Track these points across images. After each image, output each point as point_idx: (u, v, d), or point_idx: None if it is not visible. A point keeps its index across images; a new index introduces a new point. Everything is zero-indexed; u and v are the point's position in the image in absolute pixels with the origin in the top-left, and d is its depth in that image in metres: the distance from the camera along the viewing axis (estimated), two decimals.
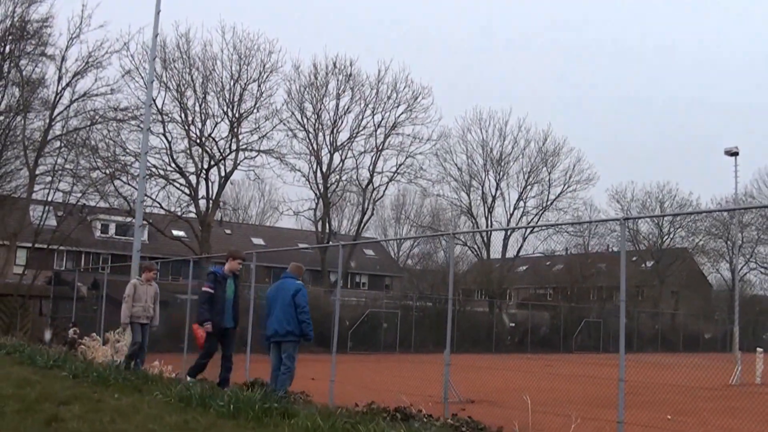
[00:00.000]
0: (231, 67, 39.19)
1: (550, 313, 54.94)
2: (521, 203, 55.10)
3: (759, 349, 27.27)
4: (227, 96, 39.22)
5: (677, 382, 21.42)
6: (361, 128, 44.99)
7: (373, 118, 45.09)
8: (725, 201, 65.12)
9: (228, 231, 51.71)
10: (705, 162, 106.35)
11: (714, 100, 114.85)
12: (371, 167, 45.96)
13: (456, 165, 53.97)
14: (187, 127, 38.28)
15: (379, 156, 45.79)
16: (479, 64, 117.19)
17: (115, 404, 10.63)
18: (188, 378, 13.09)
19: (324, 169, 44.83)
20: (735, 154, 52.64)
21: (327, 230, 46.52)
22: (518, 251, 56.59)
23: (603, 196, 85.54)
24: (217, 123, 39.29)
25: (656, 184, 68.06)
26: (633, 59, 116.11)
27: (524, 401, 11.97)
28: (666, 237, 66.49)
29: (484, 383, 17.97)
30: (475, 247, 56.12)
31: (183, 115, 38.23)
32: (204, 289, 13.13)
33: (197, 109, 38.73)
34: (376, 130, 45.25)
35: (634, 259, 66.19)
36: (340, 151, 45.31)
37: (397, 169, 46.51)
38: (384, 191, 48.71)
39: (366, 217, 48.48)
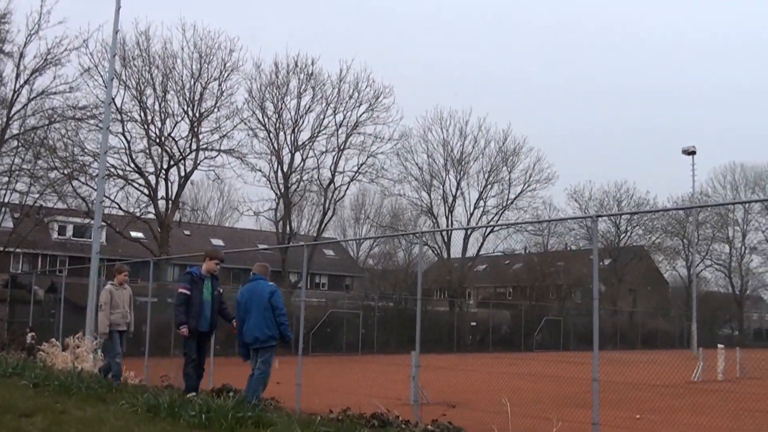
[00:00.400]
0: (191, 66, 38.62)
1: (511, 312, 55.08)
2: (481, 202, 55.09)
3: (720, 346, 27.37)
4: (187, 95, 38.61)
5: (641, 380, 21.30)
6: (322, 128, 44.54)
7: (334, 117, 44.69)
8: (681, 200, 66.06)
9: (187, 232, 51.03)
10: (662, 162, 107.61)
11: (672, 99, 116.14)
12: (333, 167, 45.56)
13: (417, 164, 53.83)
14: (146, 127, 37.61)
15: (341, 156, 45.39)
16: (440, 63, 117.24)
17: (80, 416, 10.15)
18: (190, 395, 11.75)
19: (285, 169, 44.27)
20: (692, 153, 53.38)
21: (288, 230, 45.96)
22: (479, 250, 56.53)
23: (562, 196, 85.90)
24: (177, 122, 38.67)
25: (614, 184, 68.71)
26: (600, 59, 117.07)
27: (497, 403, 11.78)
28: (623, 235, 66.90)
29: (453, 384, 17.76)
30: (436, 246, 55.92)
31: (142, 114, 37.56)
32: (180, 290, 12.40)
33: (157, 107, 38.10)
34: (337, 130, 44.83)
35: (592, 257, 66.30)
36: (302, 151, 44.81)
37: (359, 168, 46.16)
38: (345, 191, 48.31)
39: (327, 217, 47.98)
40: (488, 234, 54.79)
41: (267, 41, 78.70)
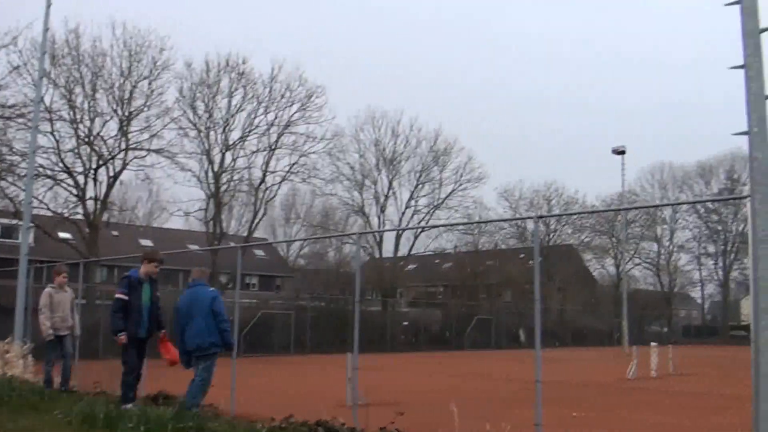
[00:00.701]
0: (121, 64, 38.43)
1: (442, 311, 55.74)
2: (413, 202, 55.81)
3: (653, 344, 27.78)
4: (117, 93, 38.39)
5: (577, 378, 22.03)
6: (253, 127, 44.65)
7: (266, 116, 44.86)
8: (610, 199, 67.50)
9: (115, 233, 50.68)
10: (590, 161, 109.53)
11: (600, 99, 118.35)
12: (264, 166, 45.68)
13: (349, 164, 54.40)
14: (75, 126, 37.30)
15: (272, 155, 45.55)
16: (372, 64, 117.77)
17: (12, 427, 9.92)
18: (126, 406, 11.36)
19: (215, 169, 44.27)
20: (622, 152, 54.62)
21: (219, 231, 45.97)
22: (410, 249, 57.21)
23: (492, 195, 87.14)
24: (106, 121, 38.40)
25: (543, 183, 69.85)
26: (526, 59, 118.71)
27: (437, 404, 11.91)
28: (553, 234, 68.15)
29: (391, 385, 17.85)
30: (368, 245, 56.44)
31: (71, 113, 37.23)
32: (117, 295, 11.88)
33: (86, 106, 37.78)
34: (269, 129, 45.01)
35: (522, 256, 67.63)
36: (232, 150, 44.84)
37: (290, 168, 46.37)
38: (277, 191, 48.47)
39: (258, 218, 48.08)
40: (419, 234, 55.55)
41: (198, 40, 78.14)
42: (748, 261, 7.17)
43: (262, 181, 46.09)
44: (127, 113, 38.64)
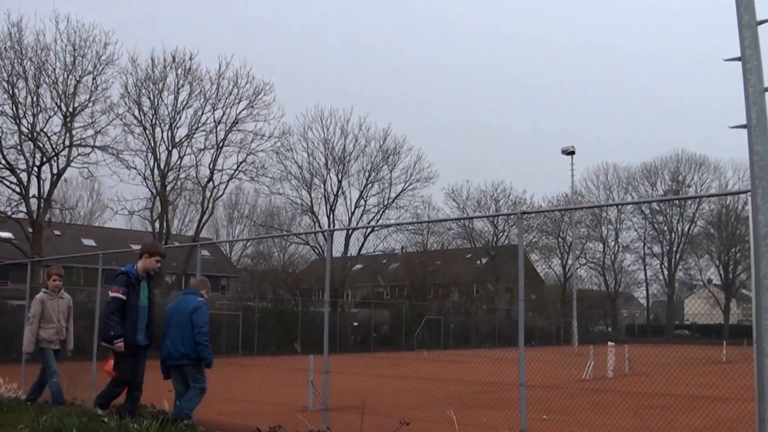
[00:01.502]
0: (65, 59, 37.61)
1: (390, 311, 55.65)
2: (362, 201, 55.66)
3: (611, 343, 27.97)
4: (60, 88, 37.60)
5: (534, 380, 21.61)
6: (200, 124, 44.08)
7: (213, 113, 44.30)
8: (557, 199, 68.26)
9: (57, 232, 49.55)
10: (536, 162, 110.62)
11: (549, 98, 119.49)
12: (211, 164, 45.14)
13: (297, 163, 53.96)
14: (18, 122, 36.44)
15: (220, 153, 45.01)
16: (320, 61, 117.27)
17: None
18: (99, 410, 10.49)
19: (162, 167, 43.61)
20: (571, 153, 55.12)
21: (165, 230, 45.26)
22: (359, 249, 57.11)
23: (440, 195, 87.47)
24: (50, 117, 37.60)
25: (491, 183, 70.37)
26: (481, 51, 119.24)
27: (396, 406, 11.56)
28: (501, 234, 68.57)
29: (346, 387, 16.94)
30: (318, 245, 56.18)
31: (14, 109, 36.36)
32: (113, 294, 10.30)
33: (29, 102, 36.95)
34: (216, 127, 44.47)
35: (469, 256, 67.95)
36: (179, 148, 44.20)
37: (238, 166, 45.87)
38: (224, 189, 47.91)
39: (206, 217, 47.52)
40: (369, 233, 55.45)
41: (143, 36, 77.01)
42: (751, 260, 7.03)
43: (210, 179, 45.55)
44: (71, 109, 37.87)
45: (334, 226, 54.26)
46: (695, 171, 74.54)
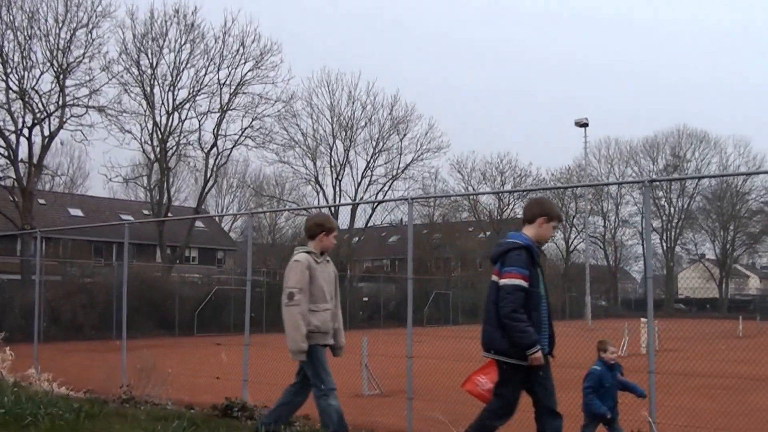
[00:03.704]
0: (57, 8, 32.33)
1: (396, 286, 51.29)
2: (368, 172, 50.66)
3: (643, 319, 25.21)
4: (53, 42, 32.33)
5: (570, 357, 18.12)
6: (203, 86, 38.87)
7: (217, 74, 39.13)
8: (560, 173, 64.67)
9: (42, 201, 44.22)
10: (540, 133, 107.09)
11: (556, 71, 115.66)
12: (215, 129, 39.98)
13: (301, 130, 48.61)
14: (6, 77, 31.26)
15: (224, 117, 39.83)
16: (329, 22, 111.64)
17: None
18: None
19: (161, 131, 38.42)
20: (585, 125, 50.92)
21: (166, 200, 40.12)
22: (367, 222, 52.33)
23: (445, 167, 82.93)
24: (41, 73, 32.40)
25: (497, 155, 66.75)
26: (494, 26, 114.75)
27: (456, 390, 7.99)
28: (506, 208, 64.53)
29: (389, 370, 13.82)
30: None
31: (1, 62, 31.17)
32: (511, 280, 6.04)
33: (18, 57, 31.76)
34: (221, 89, 39.24)
35: (471, 229, 64.01)
36: (179, 111, 39.03)
37: (243, 131, 40.76)
38: (228, 156, 42.77)
39: (209, 185, 42.42)
40: (376, 207, 50.84)
41: None
42: None
43: (214, 145, 40.40)
44: (64, 65, 32.62)
45: (340, 195, 49.31)
46: (696, 146, 71.84)
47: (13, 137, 32.05)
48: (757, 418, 9.48)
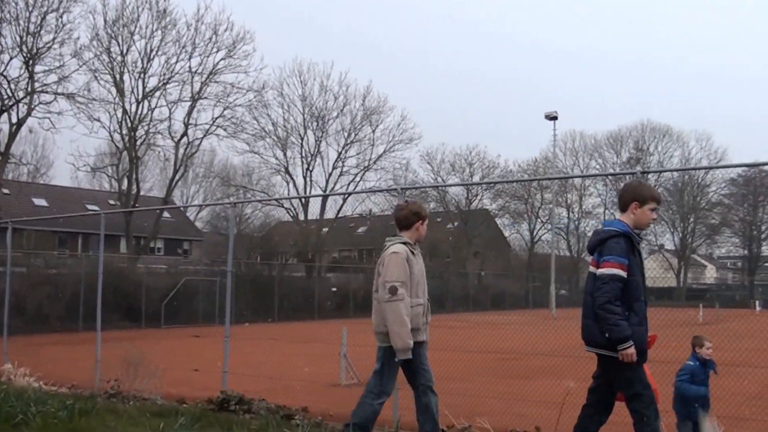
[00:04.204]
0: None
1: (364, 276, 50.82)
2: (340, 162, 50.03)
3: None
4: (22, 26, 31.31)
5: (546, 345, 19.00)
6: (174, 74, 37.96)
7: (189, 62, 38.25)
8: (527, 165, 64.82)
9: (6, 190, 43.00)
10: (509, 126, 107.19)
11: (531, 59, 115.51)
12: (186, 118, 39.12)
13: (272, 120, 47.80)
14: None
15: (195, 106, 38.99)
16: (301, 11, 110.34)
17: None
18: None
19: (131, 120, 37.48)
20: (554, 118, 50.81)
21: (136, 190, 39.17)
22: (338, 213, 51.75)
23: (416, 158, 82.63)
24: (11, 58, 31.35)
25: (465, 147, 66.62)
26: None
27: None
28: (474, 199, 64.48)
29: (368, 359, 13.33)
30: (292, 208, 50.43)
31: None
32: (609, 269, 5.63)
33: None
34: (192, 77, 38.39)
35: (439, 220, 63.85)
36: (149, 99, 38.11)
37: (214, 121, 39.96)
38: (199, 146, 41.91)
39: (179, 175, 41.57)
40: (347, 198, 50.26)
41: None
42: None
43: (184, 134, 39.54)
44: (34, 50, 31.60)
45: (311, 186, 48.67)
46: (659, 140, 72.67)
47: None
48: (730, 402, 9.35)
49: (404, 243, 6.73)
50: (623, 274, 5.62)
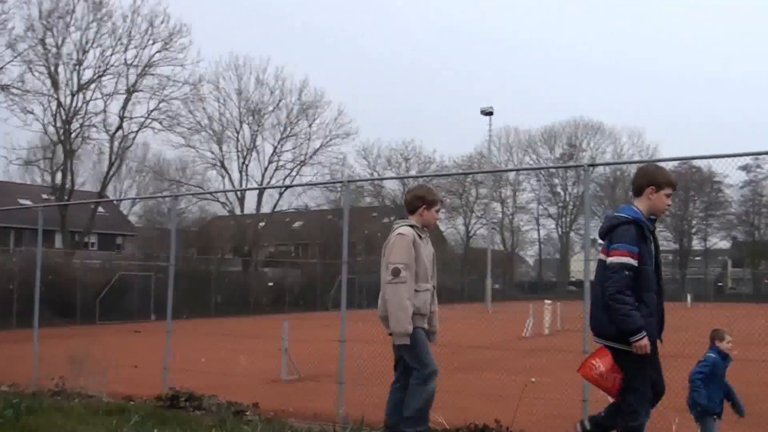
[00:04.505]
0: None
1: (303, 270, 50.72)
2: (275, 157, 49.85)
3: (547, 301, 26.45)
4: None
5: (476, 339, 19.30)
6: (109, 66, 37.37)
7: (125, 54, 37.70)
8: (462, 160, 65.32)
9: None
10: (446, 121, 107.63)
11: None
12: (121, 111, 38.55)
13: (208, 114, 47.37)
14: None
15: (130, 99, 38.45)
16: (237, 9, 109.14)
17: None
18: None
19: (66, 112, 36.79)
20: (490, 113, 51.28)
21: (70, 183, 38.46)
22: (274, 207, 51.47)
23: (351, 153, 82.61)
24: None
25: (401, 142, 66.90)
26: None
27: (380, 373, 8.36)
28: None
29: (306, 354, 13.81)
30: (228, 202, 50.08)
31: None
32: (618, 258, 5.39)
33: None
34: (128, 70, 37.86)
35: (375, 214, 63.92)
36: (84, 92, 37.44)
37: (149, 114, 39.46)
38: (134, 139, 41.33)
39: (113, 169, 40.93)
40: (284, 191, 50.01)
41: None
42: None
43: (119, 127, 38.94)
44: None
45: (247, 180, 48.39)
46: (591, 136, 74.23)
47: None
48: (669, 392, 9.57)
49: (411, 226, 6.57)
50: (634, 262, 5.40)
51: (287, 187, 49.69)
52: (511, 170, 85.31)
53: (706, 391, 6.26)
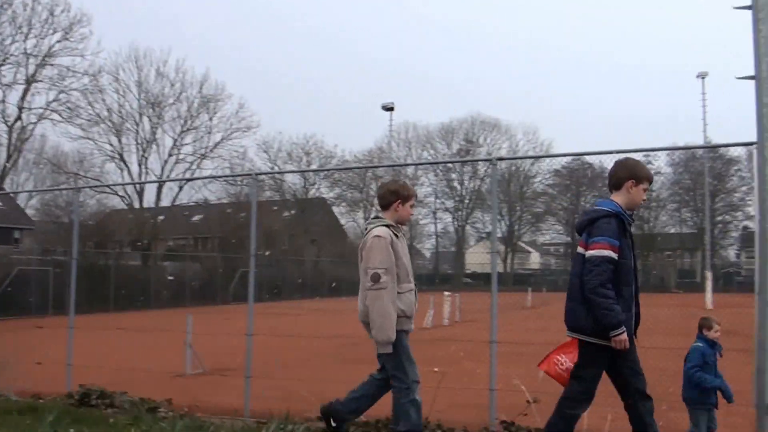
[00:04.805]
0: None
1: (203, 265, 50.51)
2: (176, 150, 49.55)
3: (446, 293, 26.80)
4: None
5: None
6: (8, 55, 36.70)
7: (25, 43, 37.06)
8: (363, 155, 66.06)
9: None
10: (347, 116, 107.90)
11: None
12: (20, 102, 37.88)
13: (107, 106, 46.72)
14: None
15: (29, 89, 37.85)
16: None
17: None
18: None
19: None
20: (391, 109, 52.22)
21: None
22: (174, 199, 51.13)
23: (252, 147, 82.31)
24: None
25: (303, 136, 67.07)
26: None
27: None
28: (311, 187, 65.17)
29: (208, 348, 14.11)
30: (126, 195, 49.54)
31: None
32: (599, 251, 5.43)
33: None
34: (27, 59, 37.21)
35: (275, 208, 64.06)
36: None
37: (48, 105, 38.88)
38: (33, 130, 40.61)
39: (12, 161, 40.11)
40: (185, 185, 49.81)
41: None
42: (754, 211, 6.33)
43: (18, 118, 38.26)
44: None
45: (146, 176, 47.89)
46: (488, 132, 75.73)
47: None
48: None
49: (387, 225, 6.36)
50: (614, 255, 5.42)
51: (189, 180, 49.55)
52: (412, 164, 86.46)
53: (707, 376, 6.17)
